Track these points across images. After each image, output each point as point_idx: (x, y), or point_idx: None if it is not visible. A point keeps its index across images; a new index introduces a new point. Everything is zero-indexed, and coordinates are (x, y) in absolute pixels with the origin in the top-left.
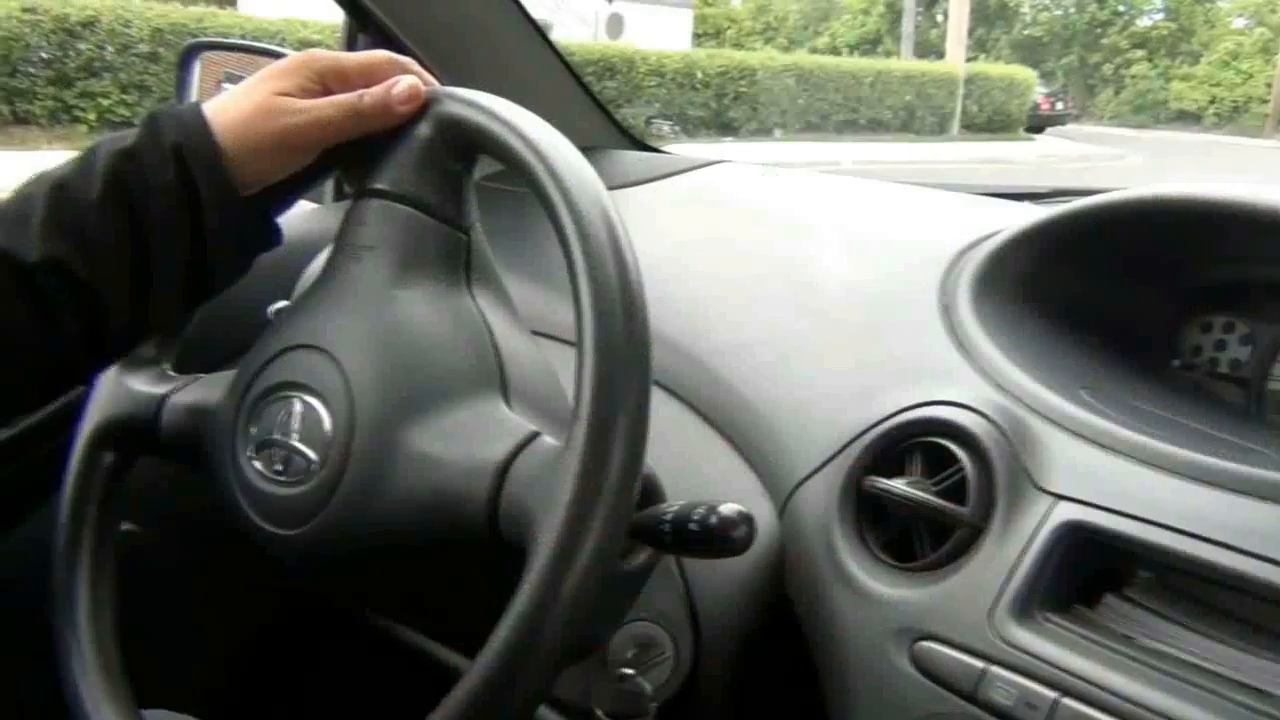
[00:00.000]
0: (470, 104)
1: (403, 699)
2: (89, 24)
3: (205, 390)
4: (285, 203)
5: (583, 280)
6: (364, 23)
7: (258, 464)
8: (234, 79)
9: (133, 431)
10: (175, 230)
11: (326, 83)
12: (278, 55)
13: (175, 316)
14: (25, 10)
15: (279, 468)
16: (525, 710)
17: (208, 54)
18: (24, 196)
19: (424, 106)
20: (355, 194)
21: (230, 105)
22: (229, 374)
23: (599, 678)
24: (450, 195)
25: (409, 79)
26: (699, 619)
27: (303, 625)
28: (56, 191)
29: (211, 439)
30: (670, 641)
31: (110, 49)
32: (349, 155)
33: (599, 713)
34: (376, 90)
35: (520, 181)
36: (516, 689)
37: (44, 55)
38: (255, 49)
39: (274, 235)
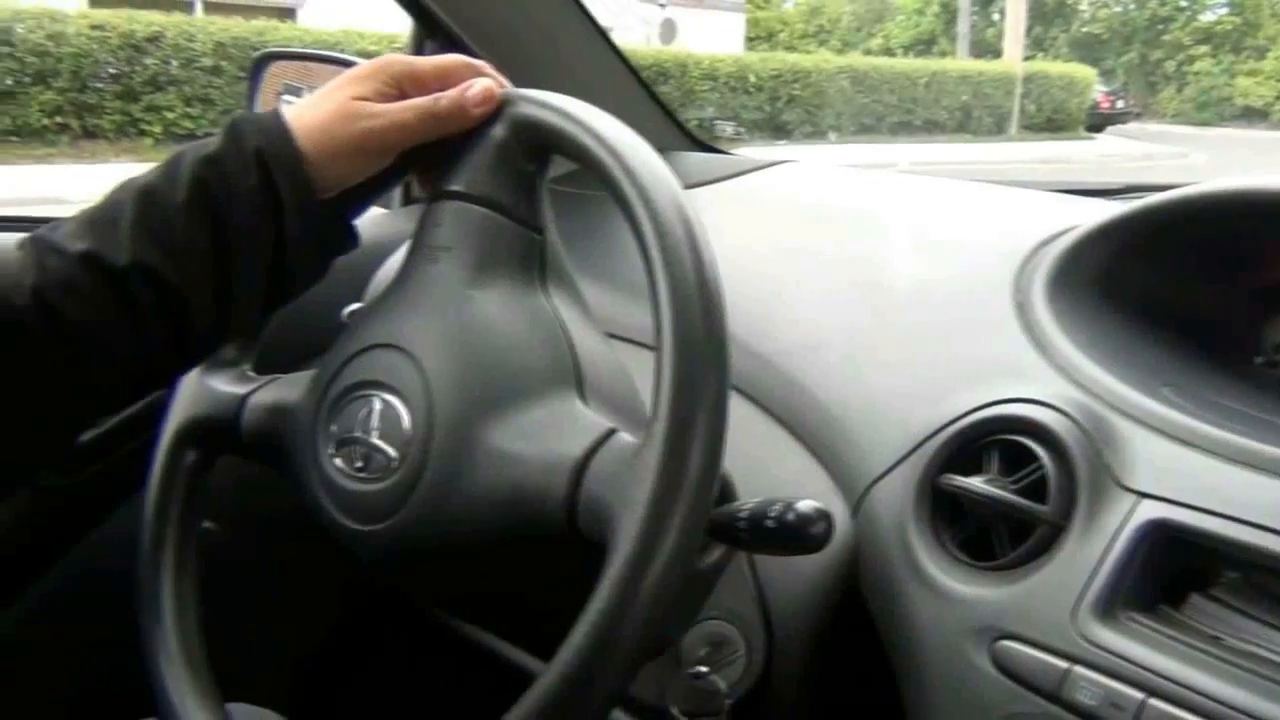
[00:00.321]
0: (544, 105)
1: (472, 699)
2: (154, 39)
3: (285, 390)
4: (361, 206)
5: (661, 278)
6: (431, 29)
7: (338, 461)
8: (293, 90)
9: (215, 431)
10: (258, 234)
11: (403, 87)
12: (346, 63)
13: (257, 319)
14: (94, 27)
15: (359, 465)
16: (604, 708)
17: (275, 64)
18: (112, 202)
19: (498, 109)
20: (431, 196)
21: (309, 111)
22: (308, 374)
23: (673, 676)
24: (524, 196)
25: (484, 81)
26: (771, 617)
27: (374, 624)
28: (144, 197)
29: (292, 438)
30: (743, 640)
31: (175, 63)
32: (423, 158)
33: (674, 711)
34: (452, 93)
35: (587, 183)
36: (596, 687)
37: (111, 70)
38: (325, 57)
39: (351, 238)
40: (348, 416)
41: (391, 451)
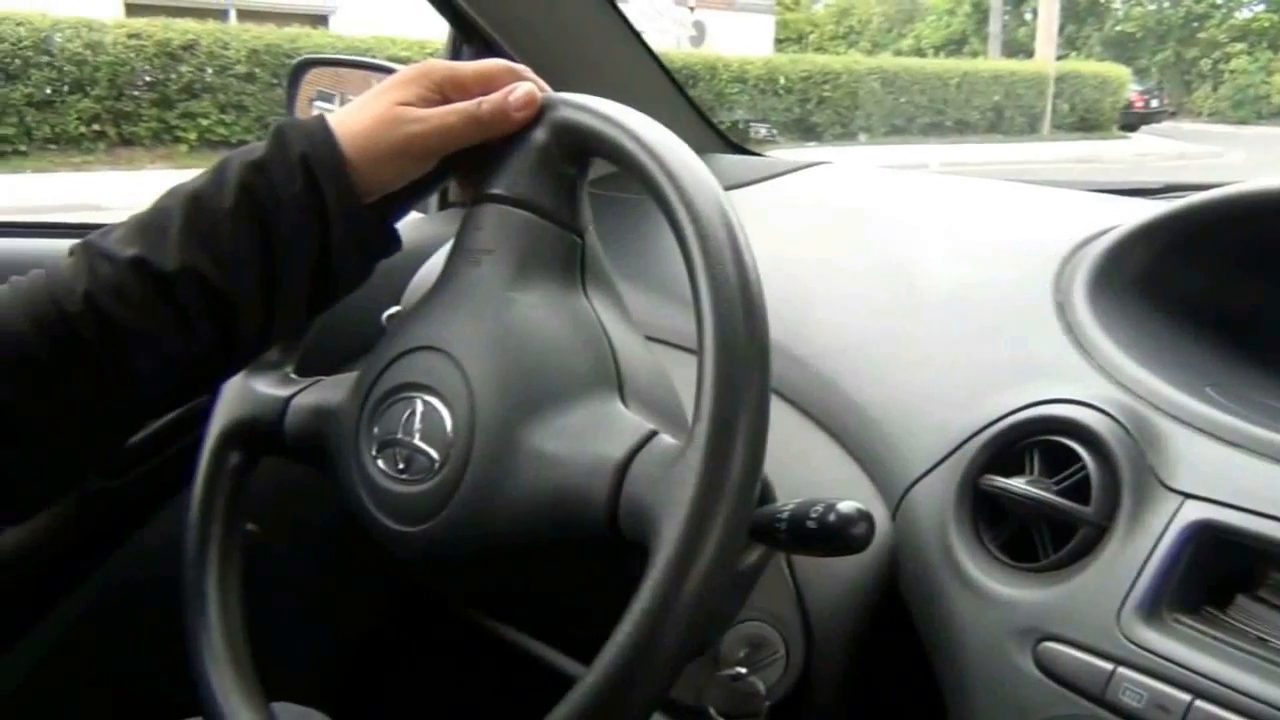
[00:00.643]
0: (584, 109)
1: (513, 700)
2: (189, 47)
3: (327, 392)
4: (403, 209)
5: (702, 280)
6: (468, 34)
7: (381, 463)
8: (325, 97)
9: (258, 432)
10: (303, 239)
11: (445, 92)
12: (383, 69)
13: (302, 322)
14: (130, 36)
15: (401, 466)
16: (645, 711)
17: (312, 71)
18: (161, 208)
19: (539, 113)
20: (472, 199)
21: (353, 116)
22: (350, 376)
23: (711, 677)
24: (565, 199)
25: (526, 85)
26: (810, 619)
27: (416, 624)
28: (192, 203)
29: (335, 439)
30: (781, 641)
31: (209, 70)
32: (463, 162)
33: (712, 712)
34: (495, 97)
35: (625, 186)
36: (638, 689)
37: (147, 79)
38: (362, 63)
39: (394, 241)
40: (390, 418)
41: (433, 453)
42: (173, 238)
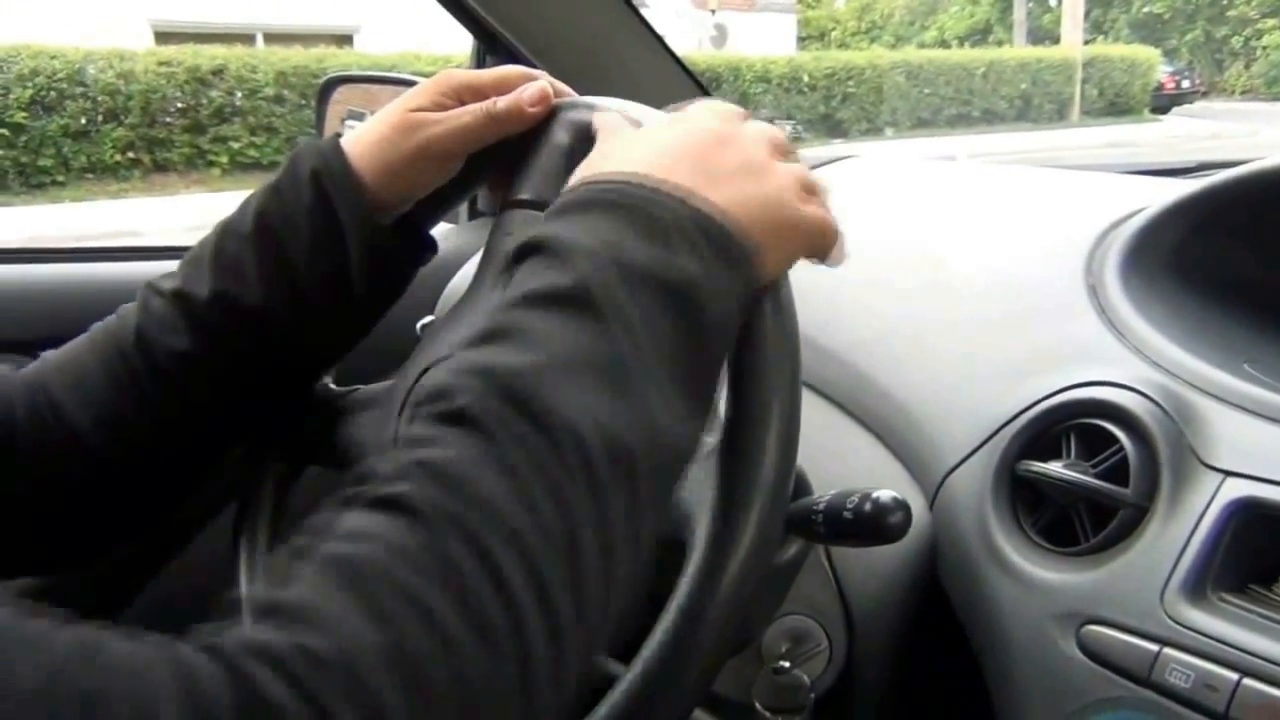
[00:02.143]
0: (608, 111)
1: None
2: (218, 72)
3: (365, 400)
4: (435, 217)
5: None
6: (492, 45)
7: None
8: (356, 115)
9: (300, 442)
10: (320, 254)
11: (462, 98)
12: (411, 84)
13: (346, 336)
14: (161, 64)
15: None
16: (687, 706)
17: (340, 89)
18: (201, 243)
19: (561, 114)
20: (502, 205)
21: (366, 129)
22: (387, 384)
23: (756, 672)
24: None
25: (538, 83)
26: (851, 611)
27: None
28: (222, 232)
29: (373, 448)
30: (824, 634)
31: (239, 94)
32: (493, 169)
33: (758, 706)
34: (509, 95)
35: None
36: (678, 685)
37: (179, 105)
38: (389, 79)
39: (427, 249)
40: None
41: None
42: (205, 268)
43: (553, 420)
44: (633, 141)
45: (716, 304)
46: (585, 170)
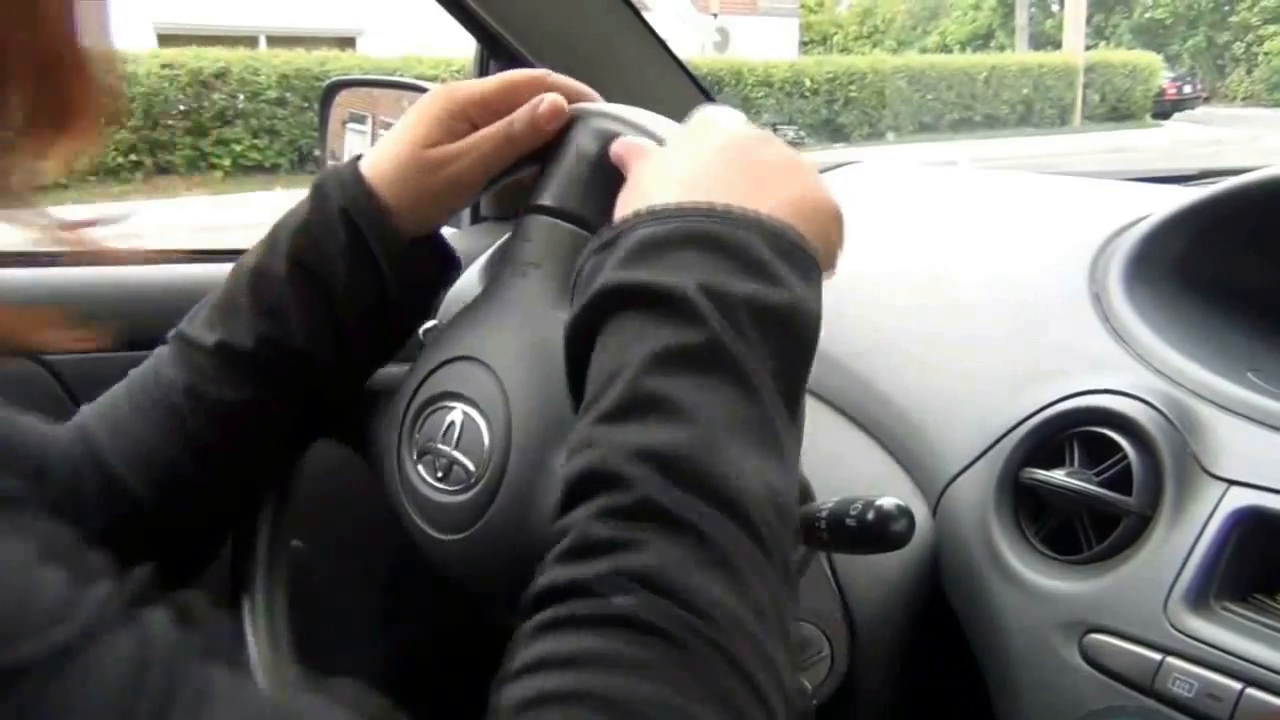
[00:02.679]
0: (622, 120)
1: None
2: (220, 75)
3: (371, 395)
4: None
5: None
6: (496, 50)
7: (421, 469)
8: (357, 118)
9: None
10: (360, 289)
11: (471, 117)
12: (414, 88)
13: (381, 359)
14: (164, 66)
15: (440, 475)
16: None
17: (343, 92)
18: (230, 290)
19: (584, 122)
20: (523, 209)
21: (387, 160)
22: (391, 373)
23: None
24: (610, 213)
25: (550, 97)
26: (853, 618)
27: (463, 639)
28: (256, 280)
29: (381, 440)
30: (826, 641)
31: (241, 97)
32: (505, 177)
33: None
34: (523, 114)
35: None
36: None
37: (181, 107)
38: (392, 83)
39: (453, 267)
40: (431, 427)
41: (470, 465)
42: (245, 316)
43: (733, 495)
44: (671, 163)
45: (811, 322)
46: (635, 200)
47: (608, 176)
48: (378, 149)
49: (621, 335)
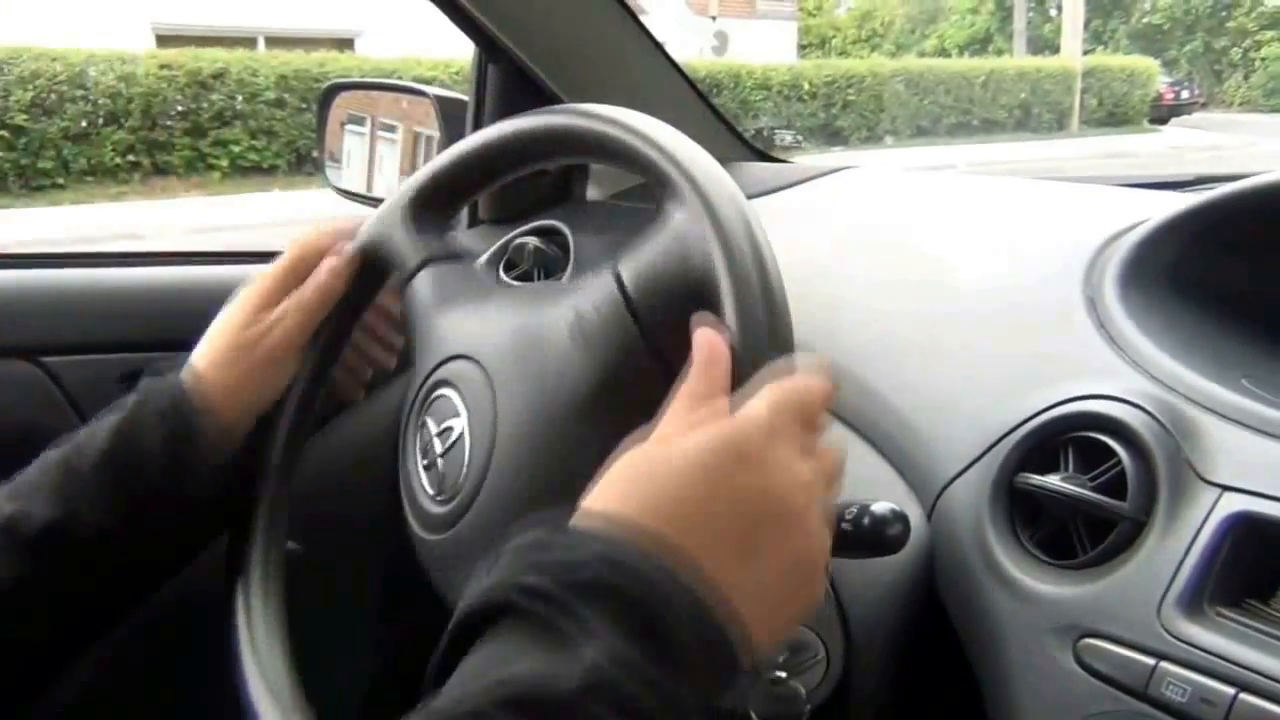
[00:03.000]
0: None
1: None
2: (219, 75)
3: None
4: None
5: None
6: (494, 54)
7: (420, 463)
8: (356, 120)
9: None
10: (166, 489)
11: (277, 299)
12: (414, 91)
13: (182, 548)
14: (162, 67)
15: (426, 467)
16: None
17: (341, 94)
18: (39, 467)
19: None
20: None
21: (209, 354)
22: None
23: (752, 682)
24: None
25: (328, 263)
26: (849, 622)
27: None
28: (63, 464)
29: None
30: (821, 644)
31: (240, 98)
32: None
33: (754, 716)
34: (323, 265)
35: (650, 198)
36: None
37: (180, 108)
38: (392, 85)
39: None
40: (436, 413)
41: (456, 468)
42: (39, 499)
43: None
44: (649, 474)
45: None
46: (631, 473)
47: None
48: (197, 351)
49: (491, 654)
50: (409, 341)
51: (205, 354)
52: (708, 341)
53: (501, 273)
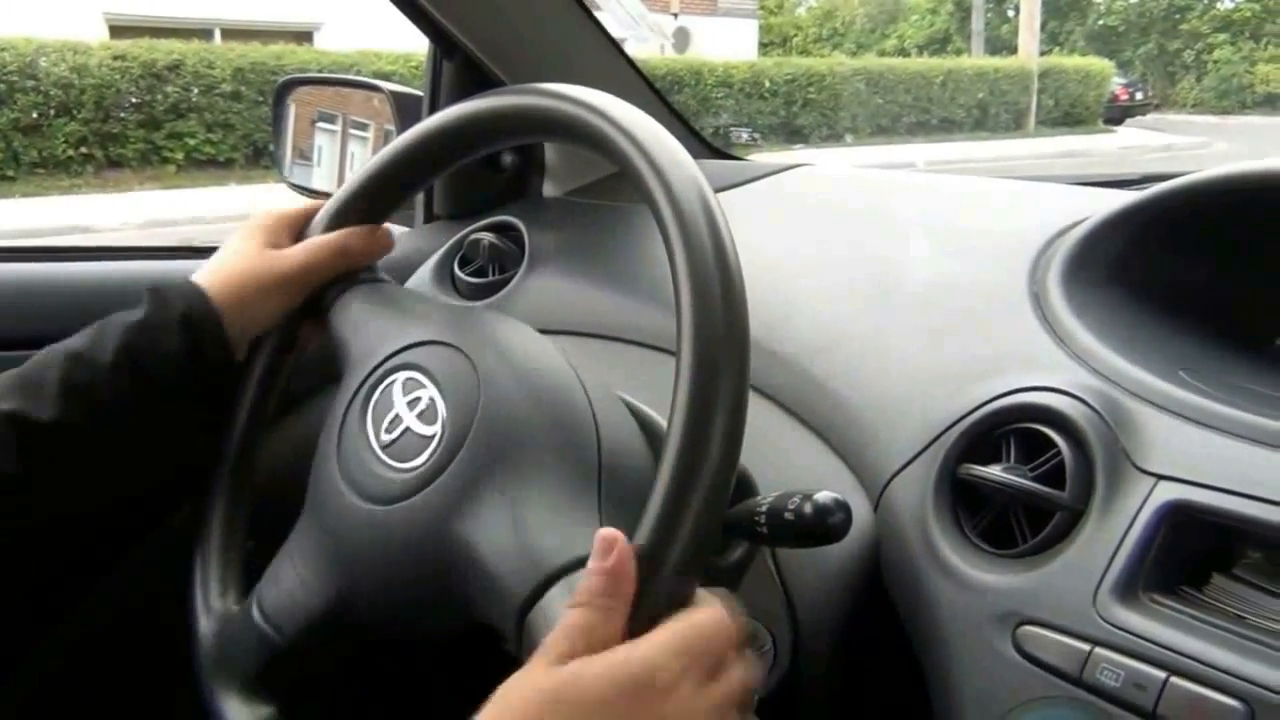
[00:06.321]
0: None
1: None
2: (174, 67)
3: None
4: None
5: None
6: (449, 50)
7: (370, 432)
8: (327, 117)
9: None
10: (184, 392)
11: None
12: (372, 87)
13: (192, 439)
14: (115, 58)
15: (388, 438)
16: None
17: (301, 90)
18: (40, 365)
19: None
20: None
21: (228, 260)
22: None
23: None
24: None
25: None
26: (796, 612)
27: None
28: (70, 361)
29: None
30: (769, 635)
31: (195, 90)
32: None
33: None
34: (362, 230)
35: (615, 194)
36: None
37: (133, 100)
38: (348, 81)
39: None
40: (391, 395)
41: (425, 439)
42: (49, 393)
43: None
44: (554, 707)
45: None
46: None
47: None
48: (217, 258)
49: None
50: (336, 351)
51: (214, 273)
52: (614, 549)
53: (457, 268)
